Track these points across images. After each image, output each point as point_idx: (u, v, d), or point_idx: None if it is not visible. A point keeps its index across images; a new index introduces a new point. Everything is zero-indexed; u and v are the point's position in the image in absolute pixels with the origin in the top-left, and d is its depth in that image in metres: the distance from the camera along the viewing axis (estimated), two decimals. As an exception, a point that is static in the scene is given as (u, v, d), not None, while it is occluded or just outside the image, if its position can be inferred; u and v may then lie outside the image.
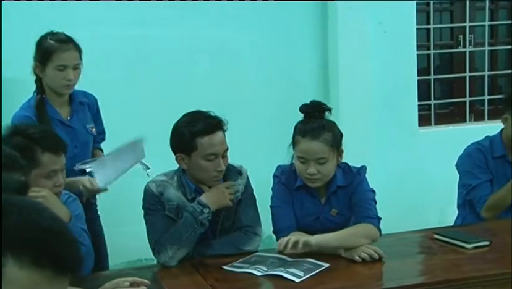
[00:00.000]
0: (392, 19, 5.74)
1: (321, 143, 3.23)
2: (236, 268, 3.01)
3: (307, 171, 3.25)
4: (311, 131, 3.24)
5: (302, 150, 3.26)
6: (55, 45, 3.63)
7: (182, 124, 3.25)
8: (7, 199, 1.30)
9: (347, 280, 2.94)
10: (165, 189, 3.28)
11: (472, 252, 3.23)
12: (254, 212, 3.37)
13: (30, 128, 3.02)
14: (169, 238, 3.17)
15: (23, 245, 1.25)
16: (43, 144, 2.93)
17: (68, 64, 3.61)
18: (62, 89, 3.68)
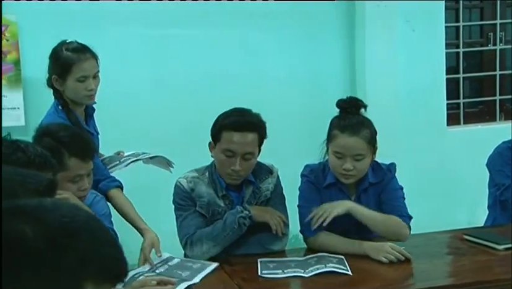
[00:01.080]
0: (421, 17, 5.71)
1: (360, 139, 3.25)
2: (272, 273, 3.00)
3: (342, 167, 3.26)
4: (350, 127, 3.26)
5: (339, 146, 3.26)
6: (74, 56, 3.60)
7: (222, 114, 3.30)
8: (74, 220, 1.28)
9: (376, 280, 2.94)
10: (196, 185, 3.31)
11: (503, 253, 3.21)
12: (283, 211, 3.38)
13: (61, 131, 3.02)
14: (207, 234, 3.21)
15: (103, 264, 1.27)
16: (71, 149, 2.93)
17: (89, 74, 3.60)
18: (85, 100, 3.68)
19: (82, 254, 1.23)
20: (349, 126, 3.26)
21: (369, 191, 3.42)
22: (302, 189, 3.47)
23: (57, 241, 1.23)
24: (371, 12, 5.47)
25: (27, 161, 2.41)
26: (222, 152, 3.21)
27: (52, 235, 1.23)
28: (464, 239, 3.42)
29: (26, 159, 2.42)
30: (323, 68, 5.62)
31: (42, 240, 1.22)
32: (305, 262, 3.11)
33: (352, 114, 3.31)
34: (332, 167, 3.33)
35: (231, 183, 3.30)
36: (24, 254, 1.22)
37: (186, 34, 5.34)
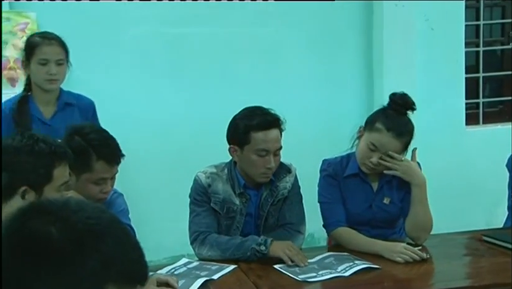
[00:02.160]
0: (440, 15, 5.68)
1: (400, 143, 3.27)
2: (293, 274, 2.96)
3: (370, 159, 3.28)
4: (397, 129, 3.25)
5: (379, 141, 3.25)
6: (38, 40, 3.68)
7: (240, 117, 3.29)
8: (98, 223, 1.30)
9: (394, 281, 2.94)
10: (213, 181, 3.31)
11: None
12: (299, 209, 3.39)
13: (93, 133, 3.02)
14: (219, 244, 3.21)
15: (125, 267, 1.29)
16: (99, 152, 2.95)
17: (50, 58, 3.65)
18: (45, 84, 3.70)
19: (106, 256, 1.25)
20: (396, 128, 3.24)
21: (393, 182, 3.42)
22: (321, 184, 3.47)
23: (82, 243, 1.25)
24: (389, 12, 5.48)
25: (50, 151, 2.49)
26: (254, 153, 3.20)
27: (77, 236, 1.25)
28: (483, 240, 3.40)
29: (49, 150, 2.49)
30: (341, 68, 5.62)
31: (67, 241, 1.23)
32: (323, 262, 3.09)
33: (402, 114, 3.30)
34: (360, 155, 3.34)
35: (264, 181, 3.29)
36: (49, 254, 1.23)
37: (202, 32, 5.36)
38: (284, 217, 3.35)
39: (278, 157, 3.27)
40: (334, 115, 5.37)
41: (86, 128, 3.05)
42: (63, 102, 3.80)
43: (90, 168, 2.94)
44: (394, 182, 3.43)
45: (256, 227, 3.34)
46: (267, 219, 3.34)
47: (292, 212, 3.35)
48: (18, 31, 4.79)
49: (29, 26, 4.80)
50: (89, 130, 3.04)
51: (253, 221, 3.34)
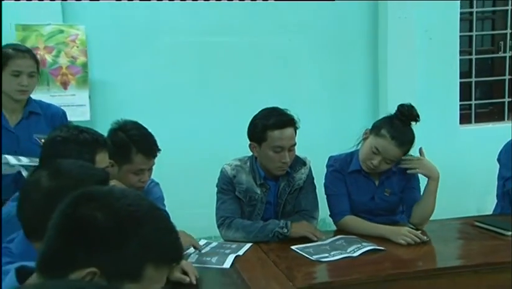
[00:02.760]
0: (438, 27, 5.67)
1: (400, 151, 3.25)
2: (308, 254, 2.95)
3: (372, 161, 3.26)
4: (400, 139, 3.22)
5: (382, 147, 3.23)
6: (12, 52, 3.35)
7: (258, 117, 3.28)
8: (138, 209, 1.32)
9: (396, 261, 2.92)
10: (238, 173, 3.32)
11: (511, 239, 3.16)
12: (313, 198, 3.37)
13: (134, 129, 3.03)
14: (244, 226, 3.21)
15: (162, 249, 1.31)
16: (139, 146, 2.97)
17: (23, 70, 3.34)
18: (16, 94, 3.38)
19: (145, 240, 1.28)
20: (399, 138, 3.21)
21: (392, 178, 3.42)
22: (328, 178, 3.45)
23: (124, 227, 1.28)
24: (392, 23, 5.48)
25: (92, 141, 2.52)
26: (271, 150, 3.20)
27: (119, 221, 1.28)
28: (475, 226, 3.39)
29: (91, 139, 2.52)
30: (349, 73, 5.63)
31: (110, 225, 1.27)
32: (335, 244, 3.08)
33: (406, 125, 3.27)
34: (363, 156, 3.32)
35: (280, 173, 3.28)
36: (94, 236, 1.27)
37: (228, 41, 5.37)
38: (299, 204, 3.34)
39: (293, 153, 3.25)
40: (342, 116, 5.36)
41: (128, 125, 3.05)
42: (28, 110, 3.49)
43: (130, 160, 2.96)
44: (394, 176, 3.43)
45: (275, 213, 3.33)
46: (285, 206, 3.33)
47: (307, 200, 3.34)
48: (70, 41, 4.80)
49: (79, 37, 4.81)
50: (130, 127, 3.04)
51: (272, 208, 3.34)
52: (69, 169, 1.90)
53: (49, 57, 4.77)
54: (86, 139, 2.53)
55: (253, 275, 2.70)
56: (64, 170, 1.89)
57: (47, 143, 2.61)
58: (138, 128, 3.07)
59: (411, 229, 3.18)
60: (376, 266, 2.82)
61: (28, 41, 4.70)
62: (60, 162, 1.95)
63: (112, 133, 3.01)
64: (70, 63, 4.81)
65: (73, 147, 2.50)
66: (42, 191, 1.83)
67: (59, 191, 1.76)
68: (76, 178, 1.85)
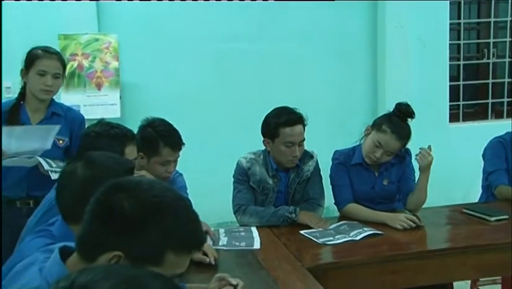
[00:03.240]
0: (430, 36, 5.70)
1: (400, 144, 3.25)
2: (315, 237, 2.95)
3: (375, 154, 3.25)
4: (399, 133, 3.22)
5: (384, 141, 3.22)
6: (41, 53, 3.12)
7: (271, 116, 3.26)
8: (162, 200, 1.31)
9: (393, 244, 2.91)
10: (252, 165, 3.30)
11: (494, 224, 3.17)
12: (320, 187, 3.35)
13: (161, 125, 3.02)
14: (258, 212, 3.20)
15: (183, 238, 1.30)
16: (166, 140, 2.96)
17: (49, 71, 3.08)
18: (41, 94, 3.12)
19: (166, 229, 1.26)
20: (399, 132, 3.21)
21: (390, 169, 3.41)
22: (333, 170, 3.43)
23: (147, 216, 1.27)
24: (390, 32, 5.51)
25: (122, 135, 2.55)
26: (282, 145, 3.18)
27: (143, 210, 1.27)
28: (463, 212, 3.37)
29: (121, 134, 2.55)
30: (351, 76, 5.63)
31: (135, 213, 1.26)
32: (339, 229, 3.08)
33: (404, 121, 3.26)
34: (366, 150, 3.30)
35: (291, 166, 3.26)
36: (121, 223, 1.27)
37: (243, 47, 5.40)
38: (307, 193, 3.32)
39: (302, 147, 3.23)
40: (345, 114, 5.36)
41: (156, 122, 3.04)
42: (51, 111, 3.23)
43: (158, 152, 2.95)
44: (391, 168, 3.42)
45: (285, 202, 3.31)
46: (294, 195, 3.32)
47: (314, 189, 3.33)
48: (104, 48, 4.83)
49: (112, 45, 4.84)
50: (158, 123, 3.03)
51: (283, 197, 3.32)
52: (101, 160, 1.90)
53: (86, 62, 4.80)
54: (117, 134, 2.55)
55: (266, 256, 2.69)
56: (96, 160, 1.89)
57: (83, 138, 2.63)
58: (164, 124, 3.05)
59: (407, 215, 3.17)
60: (376, 248, 2.82)
61: (68, 48, 4.76)
62: (93, 153, 1.96)
63: (142, 129, 3.01)
64: (103, 67, 4.85)
65: (105, 141, 2.52)
66: (78, 179, 1.84)
67: (93, 179, 1.80)
68: (107, 167, 1.86)
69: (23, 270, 1.41)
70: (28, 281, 1.33)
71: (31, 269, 1.38)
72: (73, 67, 4.80)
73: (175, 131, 3.04)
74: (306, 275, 2.45)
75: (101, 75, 4.84)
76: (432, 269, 2.85)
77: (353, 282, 2.73)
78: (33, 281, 1.33)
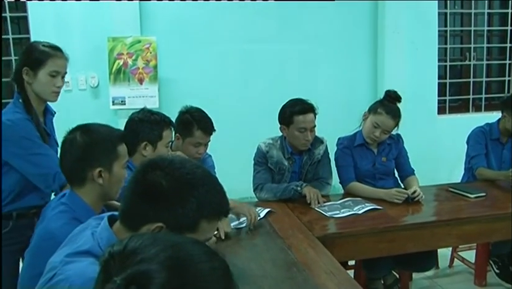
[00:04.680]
0: (421, 40, 5.64)
1: (394, 122, 3.25)
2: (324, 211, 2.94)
3: (374, 134, 3.26)
4: (393, 112, 3.23)
5: (381, 121, 3.24)
6: (50, 51, 2.48)
7: (287, 105, 3.25)
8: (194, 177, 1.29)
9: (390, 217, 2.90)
10: (270, 149, 3.28)
11: (473, 200, 3.19)
12: (328, 168, 3.34)
13: (196, 112, 3.00)
14: (272, 189, 3.20)
15: (213, 207, 1.29)
16: (199, 124, 2.94)
17: (61, 71, 2.50)
18: (51, 96, 2.51)
19: (199, 201, 1.25)
20: (392, 112, 3.23)
21: (387, 149, 3.41)
22: (338, 154, 3.41)
23: (182, 191, 1.26)
24: (389, 36, 5.47)
25: (160, 120, 2.58)
26: (297, 130, 3.17)
27: (179, 186, 1.26)
28: (448, 190, 3.37)
29: (160, 119, 2.57)
30: (355, 74, 5.59)
31: (172, 190, 1.25)
32: (344, 204, 3.07)
33: (394, 103, 3.27)
34: (366, 131, 3.31)
35: (304, 149, 3.24)
36: (161, 198, 1.25)
37: (264, 48, 5.36)
38: (318, 173, 3.31)
39: (313, 133, 3.22)
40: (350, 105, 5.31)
41: (192, 109, 3.03)
42: (51, 111, 2.67)
43: (192, 134, 2.94)
44: (388, 147, 3.41)
45: (299, 181, 3.27)
46: (306, 175, 3.30)
47: (324, 170, 3.31)
48: (145, 49, 4.82)
49: (152, 45, 4.82)
50: (194, 110, 3.02)
51: (296, 176, 3.30)
52: (96, 128, 1.88)
53: (130, 61, 4.80)
54: (156, 120, 2.57)
55: (281, 226, 2.70)
56: (92, 128, 1.87)
57: (128, 122, 2.63)
58: (200, 111, 3.04)
59: (399, 189, 3.19)
60: (375, 221, 2.82)
61: (115, 49, 4.76)
62: (88, 124, 1.91)
63: (180, 114, 3.01)
64: (145, 65, 4.83)
65: (146, 125, 2.54)
66: (78, 144, 1.83)
67: (91, 143, 1.82)
68: (102, 134, 1.86)
69: (79, 233, 1.42)
70: (83, 242, 1.34)
71: (85, 232, 1.39)
72: (119, 65, 4.79)
73: (208, 118, 3.03)
74: (316, 243, 2.46)
75: (142, 72, 4.84)
76: (421, 238, 2.86)
77: (355, 249, 2.74)
78: (86, 242, 1.33)
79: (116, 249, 0.84)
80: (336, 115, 5.07)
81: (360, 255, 2.93)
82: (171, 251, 0.82)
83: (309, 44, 5.41)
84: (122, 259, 0.81)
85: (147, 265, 0.77)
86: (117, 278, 0.77)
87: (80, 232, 1.43)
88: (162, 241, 0.84)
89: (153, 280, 0.75)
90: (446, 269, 3.98)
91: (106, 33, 4.78)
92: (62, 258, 1.30)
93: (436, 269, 3.87)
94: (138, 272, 0.76)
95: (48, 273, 1.30)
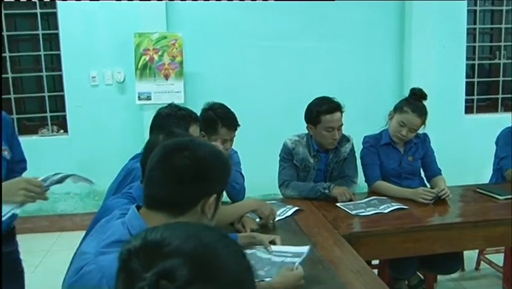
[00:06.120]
0: (449, 38, 5.58)
1: (420, 120, 3.22)
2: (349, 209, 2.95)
3: (401, 132, 3.25)
4: (419, 110, 3.21)
5: (407, 119, 3.22)
6: None
7: (313, 105, 3.25)
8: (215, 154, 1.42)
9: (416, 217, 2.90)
10: (296, 146, 3.28)
11: (502, 202, 3.13)
12: (354, 166, 3.33)
13: (220, 108, 3.01)
14: (298, 187, 3.21)
15: (223, 185, 1.43)
16: (223, 122, 2.96)
17: None
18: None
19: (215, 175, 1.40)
20: (418, 110, 3.21)
21: (413, 148, 3.38)
22: (364, 152, 3.40)
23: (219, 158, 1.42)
24: (416, 35, 5.41)
25: (187, 116, 2.59)
26: (324, 130, 3.16)
27: (214, 155, 1.41)
28: (476, 191, 3.33)
29: (187, 115, 2.59)
30: (381, 72, 5.55)
31: (193, 169, 1.35)
32: (370, 203, 3.07)
33: (419, 101, 3.25)
34: (393, 130, 3.29)
35: (331, 147, 3.24)
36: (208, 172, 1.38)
37: (287, 45, 5.35)
38: (343, 171, 3.30)
39: (340, 131, 3.22)
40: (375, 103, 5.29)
41: (216, 106, 3.03)
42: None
43: (217, 132, 2.96)
44: (414, 146, 3.39)
45: (324, 178, 3.30)
46: (332, 173, 3.30)
47: (350, 168, 3.31)
48: (171, 45, 4.86)
49: (177, 42, 4.87)
50: (217, 107, 3.03)
51: (322, 174, 3.30)
52: (178, 132, 2.02)
53: (156, 56, 4.85)
54: (183, 115, 2.58)
55: (307, 224, 2.71)
56: (175, 132, 2.00)
57: (155, 117, 2.65)
58: (223, 107, 3.05)
59: (424, 188, 3.18)
60: (401, 220, 2.81)
61: (142, 44, 4.82)
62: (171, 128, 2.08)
63: (203, 111, 3.01)
64: (170, 60, 4.88)
65: (173, 120, 2.55)
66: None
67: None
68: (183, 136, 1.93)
69: (105, 224, 1.48)
70: (113, 231, 1.39)
71: (113, 222, 1.44)
72: (145, 60, 4.85)
73: (232, 114, 3.03)
74: (342, 241, 2.46)
75: (168, 67, 4.89)
76: (448, 239, 2.84)
77: (381, 248, 2.73)
78: (118, 230, 1.39)
79: (136, 245, 0.83)
80: (361, 114, 5.06)
81: (385, 255, 2.91)
82: (193, 240, 0.82)
83: (334, 42, 5.39)
84: (146, 254, 0.81)
85: (174, 258, 0.78)
86: (147, 274, 0.77)
87: (106, 222, 1.49)
88: (181, 232, 0.84)
89: (182, 271, 0.76)
90: (472, 272, 3.95)
91: (132, 28, 4.84)
92: (96, 249, 1.35)
93: (461, 272, 3.84)
94: (166, 266, 0.77)
95: (80, 262, 1.34)
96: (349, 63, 5.47)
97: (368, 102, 5.40)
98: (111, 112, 5.15)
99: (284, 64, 5.36)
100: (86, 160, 5.03)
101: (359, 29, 5.44)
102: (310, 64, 5.41)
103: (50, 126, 5.26)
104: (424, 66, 5.42)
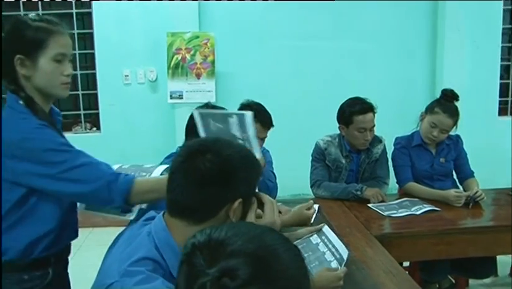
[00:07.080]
0: (483, 38, 5.52)
1: (452, 121, 3.21)
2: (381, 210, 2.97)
3: (432, 133, 3.24)
4: (450, 111, 3.20)
5: (438, 120, 3.21)
6: (49, 27, 1.72)
7: (345, 105, 3.26)
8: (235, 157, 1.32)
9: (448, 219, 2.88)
10: (328, 146, 3.31)
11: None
12: (386, 168, 3.35)
13: (256, 105, 3.00)
14: (330, 187, 3.24)
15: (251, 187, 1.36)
16: (258, 117, 2.88)
17: (67, 53, 1.77)
18: (60, 89, 1.78)
19: (240, 178, 1.30)
20: (449, 110, 3.19)
21: (446, 149, 3.37)
22: (396, 153, 3.40)
23: (246, 159, 1.34)
24: (449, 35, 5.37)
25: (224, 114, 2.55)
26: (356, 130, 3.18)
27: (242, 156, 1.32)
28: (509, 194, 3.30)
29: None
30: (413, 73, 5.52)
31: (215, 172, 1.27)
32: (401, 204, 3.07)
33: (451, 102, 3.24)
34: (424, 132, 3.29)
35: (363, 148, 3.26)
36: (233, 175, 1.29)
37: (318, 45, 5.37)
38: (375, 172, 3.31)
39: (372, 132, 3.23)
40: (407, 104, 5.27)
41: (253, 103, 3.04)
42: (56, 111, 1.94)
43: None
44: (447, 148, 3.38)
45: (356, 179, 3.32)
46: (363, 173, 3.32)
47: (382, 169, 3.32)
48: (203, 44, 4.93)
49: (210, 41, 4.93)
50: (254, 104, 3.04)
51: (353, 174, 3.32)
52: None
53: (188, 56, 4.93)
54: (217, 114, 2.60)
55: (339, 224, 2.73)
56: None
57: (191, 118, 2.58)
58: (260, 105, 3.06)
59: (458, 190, 3.17)
60: (433, 222, 2.82)
61: (174, 44, 4.90)
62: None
63: (241, 107, 3.01)
64: (202, 60, 4.95)
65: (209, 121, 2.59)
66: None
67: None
68: None
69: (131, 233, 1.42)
70: (139, 244, 1.31)
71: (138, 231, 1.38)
72: (177, 60, 4.93)
73: (268, 113, 3.05)
74: (374, 242, 2.48)
75: (200, 67, 4.95)
76: (481, 243, 2.82)
77: (413, 250, 2.74)
78: (143, 244, 1.30)
79: (201, 240, 0.86)
80: (393, 115, 5.04)
81: (417, 257, 2.92)
82: (256, 241, 0.85)
83: (365, 42, 5.38)
84: (211, 250, 0.84)
85: (237, 257, 0.81)
86: (210, 270, 0.80)
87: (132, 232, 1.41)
88: (245, 232, 0.87)
89: (244, 271, 0.79)
90: (506, 278, 3.89)
91: (165, 28, 4.93)
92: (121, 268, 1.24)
93: (495, 277, 3.79)
94: (229, 264, 0.80)
95: (104, 277, 1.27)
96: (381, 63, 5.46)
97: (400, 103, 5.38)
98: (143, 111, 5.25)
99: (316, 64, 5.38)
100: (118, 158, 5.06)
101: (391, 30, 5.42)
102: (342, 64, 5.42)
103: (83, 123, 5.39)
104: (457, 67, 5.38)
